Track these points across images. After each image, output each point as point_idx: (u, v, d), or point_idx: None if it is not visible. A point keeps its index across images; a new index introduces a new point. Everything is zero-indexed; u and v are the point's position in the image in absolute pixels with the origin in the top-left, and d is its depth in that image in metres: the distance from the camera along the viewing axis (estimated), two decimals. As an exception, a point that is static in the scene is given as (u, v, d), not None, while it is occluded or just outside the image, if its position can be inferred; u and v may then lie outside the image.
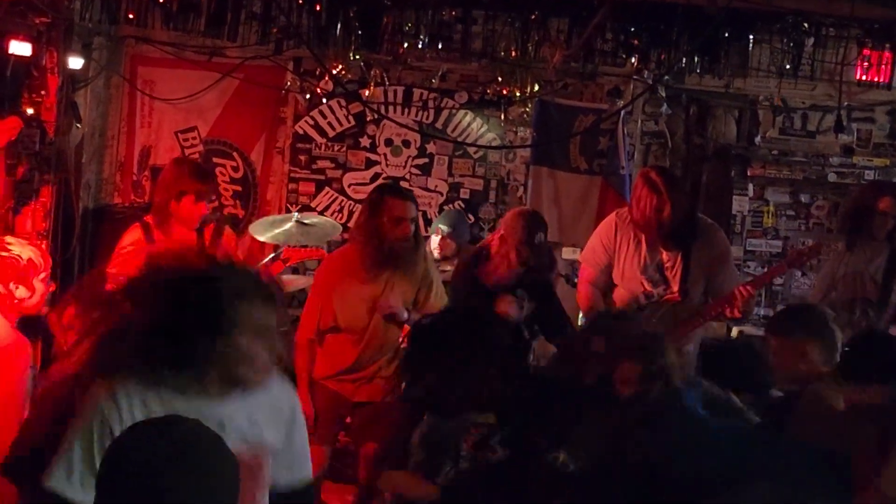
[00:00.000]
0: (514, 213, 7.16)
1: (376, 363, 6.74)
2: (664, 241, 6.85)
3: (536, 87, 9.88)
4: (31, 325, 5.89)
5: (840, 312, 7.68)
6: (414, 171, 10.15)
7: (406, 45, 9.57)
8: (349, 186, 10.14)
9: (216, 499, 2.57)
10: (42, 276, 5.79)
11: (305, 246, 8.62)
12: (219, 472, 2.60)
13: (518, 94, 9.90)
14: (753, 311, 7.23)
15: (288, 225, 8.15)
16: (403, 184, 10.06)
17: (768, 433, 5.03)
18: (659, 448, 4.42)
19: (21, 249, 5.74)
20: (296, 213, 9.29)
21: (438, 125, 10.11)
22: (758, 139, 10.23)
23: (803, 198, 10.28)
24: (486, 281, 6.98)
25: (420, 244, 6.81)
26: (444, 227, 8.62)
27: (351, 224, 8.45)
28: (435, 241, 8.60)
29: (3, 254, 5.68)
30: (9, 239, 5.97)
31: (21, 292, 5.65)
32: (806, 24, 9.22)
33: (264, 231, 8.17)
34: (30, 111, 8.33)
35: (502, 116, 10.06)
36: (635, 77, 9.80)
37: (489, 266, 6.98)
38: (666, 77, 9.74)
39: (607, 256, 7.08)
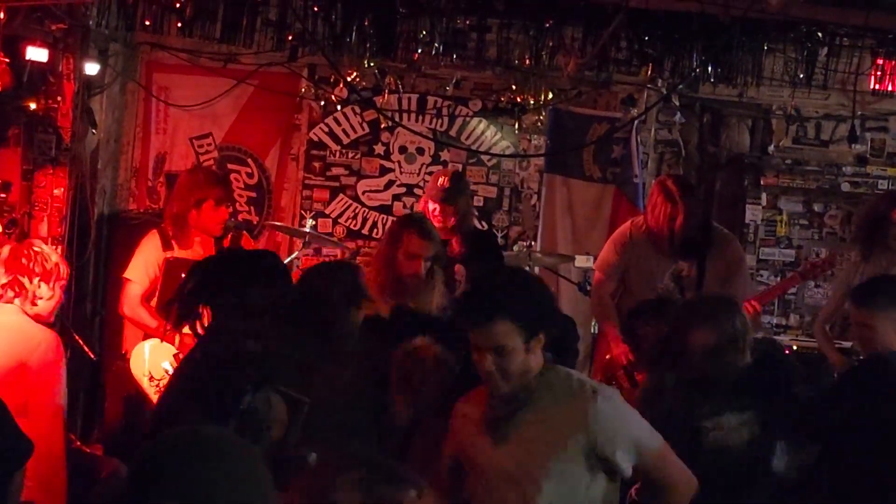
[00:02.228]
0: (433, 176, 7.30)
1: None
2: (678, 250, 6.87)
3: (550, 96, 9.89)
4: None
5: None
6: (428, 178, 10.15)
7: (420, 52, 9.58)
8: (363, 193, 10.16)
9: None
10: (62, 283, 5.88)
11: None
12: (248, 481, 2.63)
13: (532, 102, 9.91)
14: (760, 324, 7.24)
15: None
16: (417, 191, 10.09)
17: None
18: None
19: (51, 251, 5.87)
20: (310, 220, 9.37)
21: (452, 133, 10.13)
22: (771, 148, 10.24)
23: (816, 207, 10.29)
24: None
25: (433, 280, 6.67)
26: None
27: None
28: None
29: (35, 249, 5.79)
30: (37, 241, 6.09)
31: (43, 290, 5.75)
32: (820, 34, 9.22)
33: None
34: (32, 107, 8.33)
35: (516, 124, 10.07)
36: (649, 86, 9.81)
37: None
38: (680, 86, 9.76)
39: (621, 264, 7.10)
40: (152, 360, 7.25)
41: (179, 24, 9.51)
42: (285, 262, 8.36)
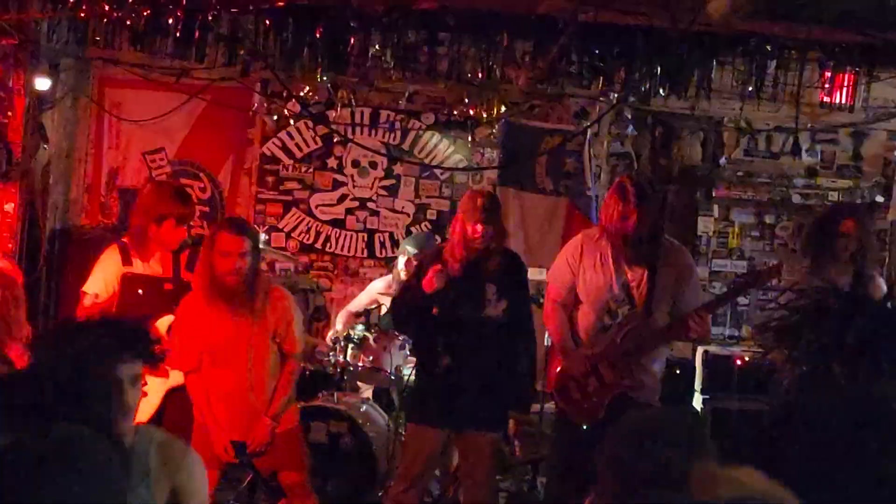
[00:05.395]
0: (466, 194, 7.22)
1: None
2: (628, 255, 6.87)
3: (503, 109, 9.93)
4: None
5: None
6: (381, 192, 10.19)
7: (372, 66, 9.57)
8: (316, 207, 10.17)
9: (99, 500, 2.64)
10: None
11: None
12: (101, 475, 2.68)
13: (485, 115, 9.96)
14: (710, 332, 7.24)
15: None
16: (370, 205, 10.11)
17: None
18: None
19: None
20: (263, 235, 9.36)
21: (405, 146, 10.16)
22: (723, 160, 10.33)
23: (768, 219, 10.37)
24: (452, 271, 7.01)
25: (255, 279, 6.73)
26: (410, 249, 8.61)
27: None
28: (402, 261, 8.60)
29: None
30: None
31: None
32: (768, 47, 9.28)
33: None
34: None
35: (469, 137, 10.12)
36: (601, 99, 9.86)
37: (447, 252, 7.03)
38: (631, 98, 9.81)
39: (572, 275, 7.10)
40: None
41: (131, 39, 9.47)
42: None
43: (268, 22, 9.16)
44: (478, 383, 6.91)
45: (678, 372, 8.81)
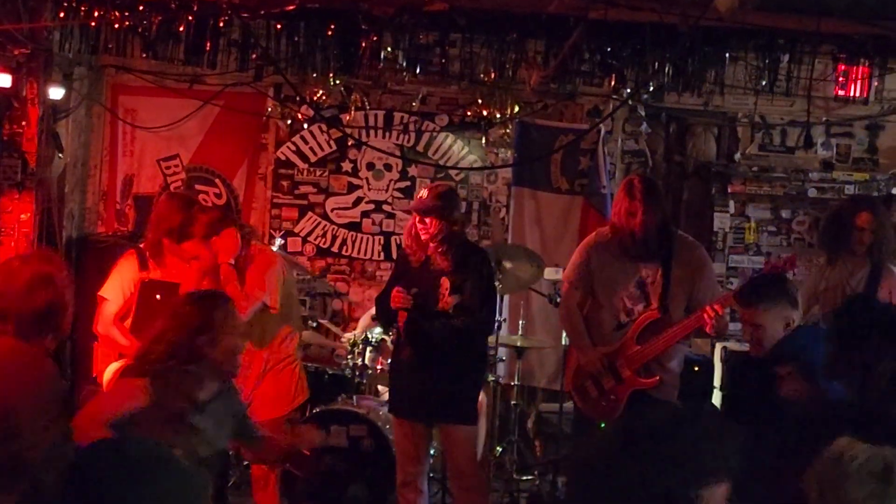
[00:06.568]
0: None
1: None
2: (639, 252, 6.87)
3: (517, 109, 9.92)
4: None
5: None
6: (396, 194, 10.19)
7: (385, 68, 9.56)
8: (332, 211, 10.17)
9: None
10: None
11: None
12: (172, 491, 2.66)
13: (498, 115, 9.95)
14: (727, 326, 7.20)
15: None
16: (386, 207, 10.11)
17: None
18: None
19: None
20: (279, 239, 9.38)
21: (420, 148, 10.16)
22: (737, 156, 10.30)
23: (784, 213, 10.33)
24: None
25: None
26: None
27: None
28: None
29: None
30: None
31: None
32: (781, 41, 9.25)
33: None
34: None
35: (483, 138, 10.11)
36: (614, 96, 9.84)
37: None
38: (644, 95, 9.79)
39: (587, 274, 7.10)
40: (125, 379, 7.24)
41: (143, 46, 9.48)
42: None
43: (279, 26, 9.17)
44: (442, 377, 7.00)
45: (697, 369, 8.77)
